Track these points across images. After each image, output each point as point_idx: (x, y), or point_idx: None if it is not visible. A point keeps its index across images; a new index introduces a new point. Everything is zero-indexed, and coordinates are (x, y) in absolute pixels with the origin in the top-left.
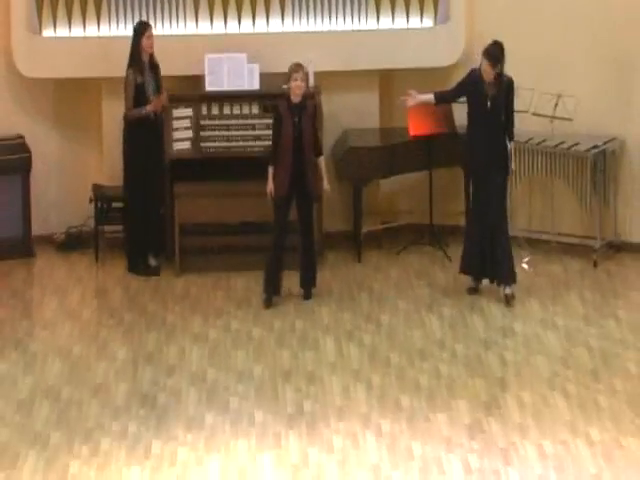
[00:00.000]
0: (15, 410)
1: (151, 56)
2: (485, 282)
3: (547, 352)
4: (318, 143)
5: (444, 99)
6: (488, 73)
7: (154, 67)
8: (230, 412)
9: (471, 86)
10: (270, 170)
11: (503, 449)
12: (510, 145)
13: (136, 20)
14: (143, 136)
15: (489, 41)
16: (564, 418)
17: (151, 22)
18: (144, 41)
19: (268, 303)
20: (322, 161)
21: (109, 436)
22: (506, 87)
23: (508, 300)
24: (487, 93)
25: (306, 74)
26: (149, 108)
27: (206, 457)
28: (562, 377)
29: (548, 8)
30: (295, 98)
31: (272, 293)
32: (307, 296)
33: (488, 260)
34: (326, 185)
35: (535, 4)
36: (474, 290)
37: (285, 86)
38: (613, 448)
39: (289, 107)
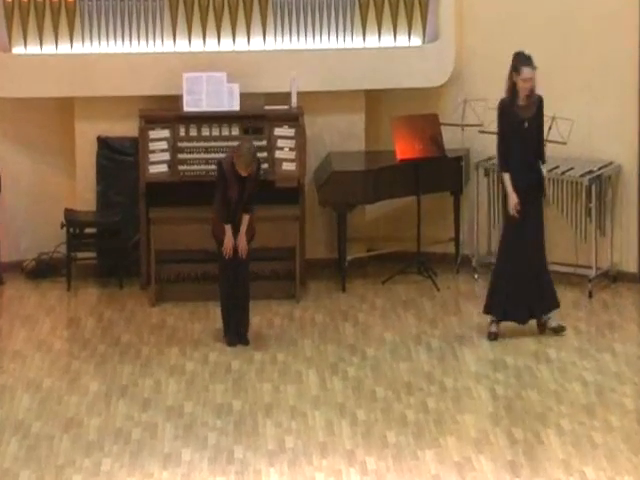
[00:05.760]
0: None
1: None
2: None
3: (540, 386)
4: (251, 201)
5: (505, 158)
6: (529, 83)
7: None
8: (208, 448)
9: (506, 116)
10: (228, 228)
11: None
12: (544, 169)
13: (111, 36)
14: None
15: (480, 60)
16: (558, 456)
17: (126, 39)
18: None
19: (232, 344)
20: (246, 220)
21: (81, 473)
22: (538, 105)
23: (557, 330)
24: (522, 116)
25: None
26: None
27: None
28: (555, 413)
29: (541, 27)
30: (241, 173)
31: (235, 337)
32: (245, 341)
33: (526, 297)
34: (242, 243)
35: (528, 23)
36: (496, 335)
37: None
38: None
39: (234, 173)
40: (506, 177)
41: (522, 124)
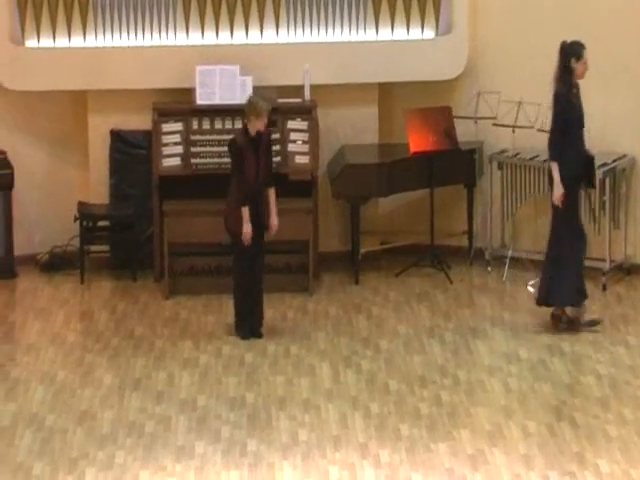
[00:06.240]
0: None
1: None
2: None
3: (553, 379)
4: (271, 173)
5: (559, 148)
6: (585, 71)
7: None
8: (221, 441)
9: (566, 106)
10: (245, 210)
11: None
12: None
13: (124, 29)
14: None
15: (493, 52)
16: (571, 449)
17: (139, 32)
18: None
19: (246, 337)
20: (272, 193)
21: (94, 466)
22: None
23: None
24: (577, 104)
25: None
26: None
27: None
28: (569, 406)
29: (554, 20)
30: (254, 132)
31: (248, 330)
32: (258, 334)
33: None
34: (274, 221)
35: (541, 16)
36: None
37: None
38: None
39: (248, 141)
40: (555, 166)
41: (579, 111)
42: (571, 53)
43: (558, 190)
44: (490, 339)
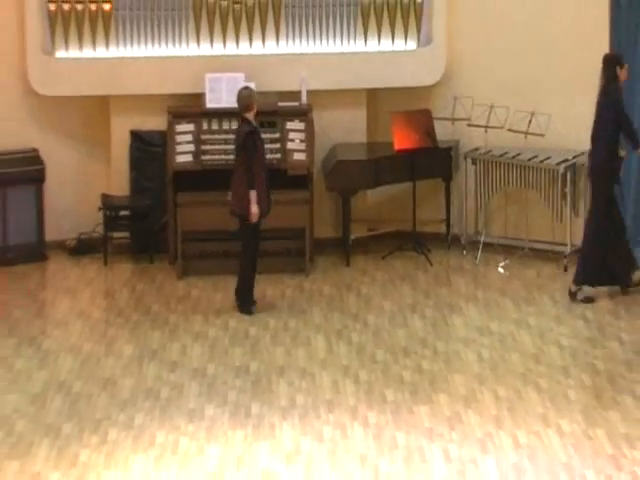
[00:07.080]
0: (30, 403)
1: None
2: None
3: (521, 349)
4: None
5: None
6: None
7: None
8: (228, 404)
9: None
10: (253, 194)
11: (480, 439)
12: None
13: (142, 41)
14: None
15: (467, 62)
16: (537, 410)
17: (155, 44)
18: None
19: (253, 312)
20: None
21: (116, 426)
22: None
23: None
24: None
25: None
26: None
27: (206, 446)
28: (535, 373)
29: (521, 34)
30: (254, 119)
31: (254, 304)
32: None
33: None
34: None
35: (510, 28)
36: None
37: (248, 114)
38: (582, 439)
39: (257, 130)
40: None
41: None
42: (616, 62)
43: None
44: (465, 314)
